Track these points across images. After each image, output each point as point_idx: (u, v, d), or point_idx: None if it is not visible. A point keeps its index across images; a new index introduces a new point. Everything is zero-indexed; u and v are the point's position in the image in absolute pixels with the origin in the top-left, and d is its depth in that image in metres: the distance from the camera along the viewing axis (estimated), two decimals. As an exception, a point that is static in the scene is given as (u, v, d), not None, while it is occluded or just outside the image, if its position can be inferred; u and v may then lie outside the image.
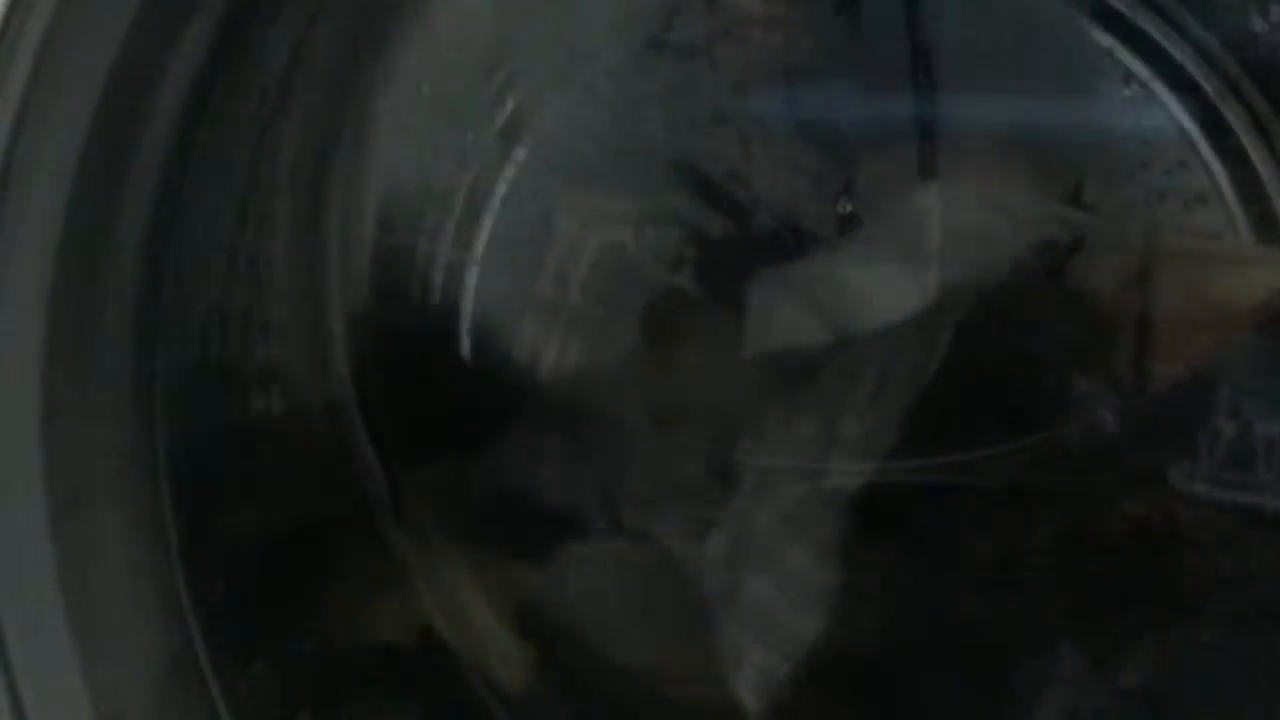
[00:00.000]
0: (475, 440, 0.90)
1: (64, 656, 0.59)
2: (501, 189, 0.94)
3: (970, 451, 0.86)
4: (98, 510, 0.62)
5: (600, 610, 0.87)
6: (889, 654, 0.86)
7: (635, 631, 0.88)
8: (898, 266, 0.87)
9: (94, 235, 0.59)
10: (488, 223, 0.94)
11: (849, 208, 0.91)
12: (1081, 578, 0.87)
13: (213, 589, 0.68)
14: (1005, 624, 0.86)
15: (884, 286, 0.87)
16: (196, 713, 0.66)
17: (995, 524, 0.86)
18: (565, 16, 0.91)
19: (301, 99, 0.77)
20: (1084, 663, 0.84)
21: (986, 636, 0.87)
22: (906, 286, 0.86)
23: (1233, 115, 0.87)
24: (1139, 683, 0.84)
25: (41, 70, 0.54)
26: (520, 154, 0.95)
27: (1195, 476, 0.79)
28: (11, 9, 0.52)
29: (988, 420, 0.85)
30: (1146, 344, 0.87)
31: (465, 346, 0.93)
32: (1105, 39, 0.89)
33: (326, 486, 0.88)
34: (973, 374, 0.86)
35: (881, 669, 0.86)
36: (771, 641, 0.81)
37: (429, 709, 0.85)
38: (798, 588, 0.82)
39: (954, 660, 0.86)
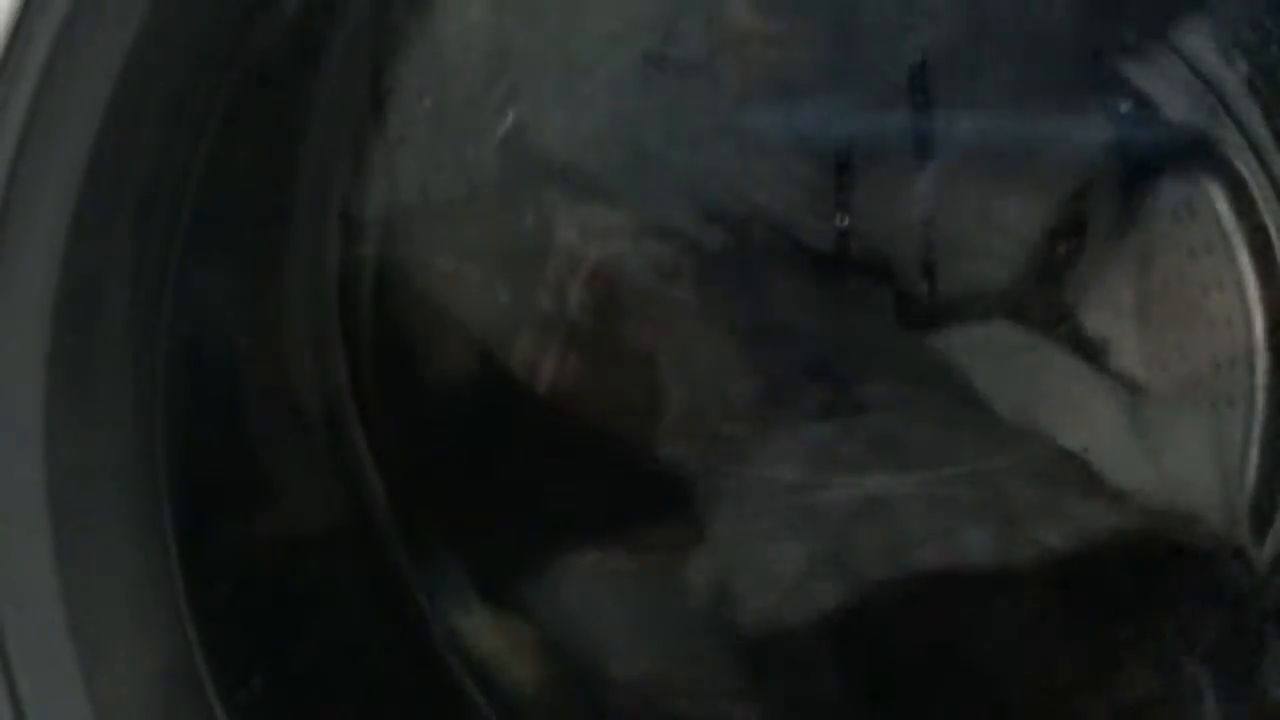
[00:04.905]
0: (473, 451, 0.91)
1: (66, 667, 0.59)
2: (501, 201, 0.95)
3: (965, 465, 0.86)
4: (98, 520, 0.63)
5: (596, 622, 0.88)
6: (882, 667, 0.86)
7: (632, 644, 0.88)
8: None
9: (97, 252, 0.60)
10: (487, 235, 0.95)
11: (846, 221, 0.92)
12: (1078, 590, 0.87)
13: (212, 599, 0.68)
14: (1001, 637, 0.87)
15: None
16: (197, 723, 0.66)
17: (994, 537, 0.87)
18: (566, 29, 0.91)
19: (306, 124, 0.77)
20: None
21: (981, 650, 0.87)
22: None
23: (1227, 132, 0.87)
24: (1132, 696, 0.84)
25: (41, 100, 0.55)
26: (520, 166, 0.95)
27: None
28: (12, 39, 0.53)
29: (982, 433, 0.85)
30: (1141, 355, 0.87)
31: (463, 360, 0.94)
32: (1101, 55, 0.89)
33: (325, 498, 0.88)
34: (968, 386, 0.87)
35: (875, 680, 0.87)
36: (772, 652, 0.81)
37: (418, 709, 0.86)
38: (795, 601, 0.83)
39: (951, 676, 0.86)
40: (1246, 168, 0.86)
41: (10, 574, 0.59)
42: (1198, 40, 0.86)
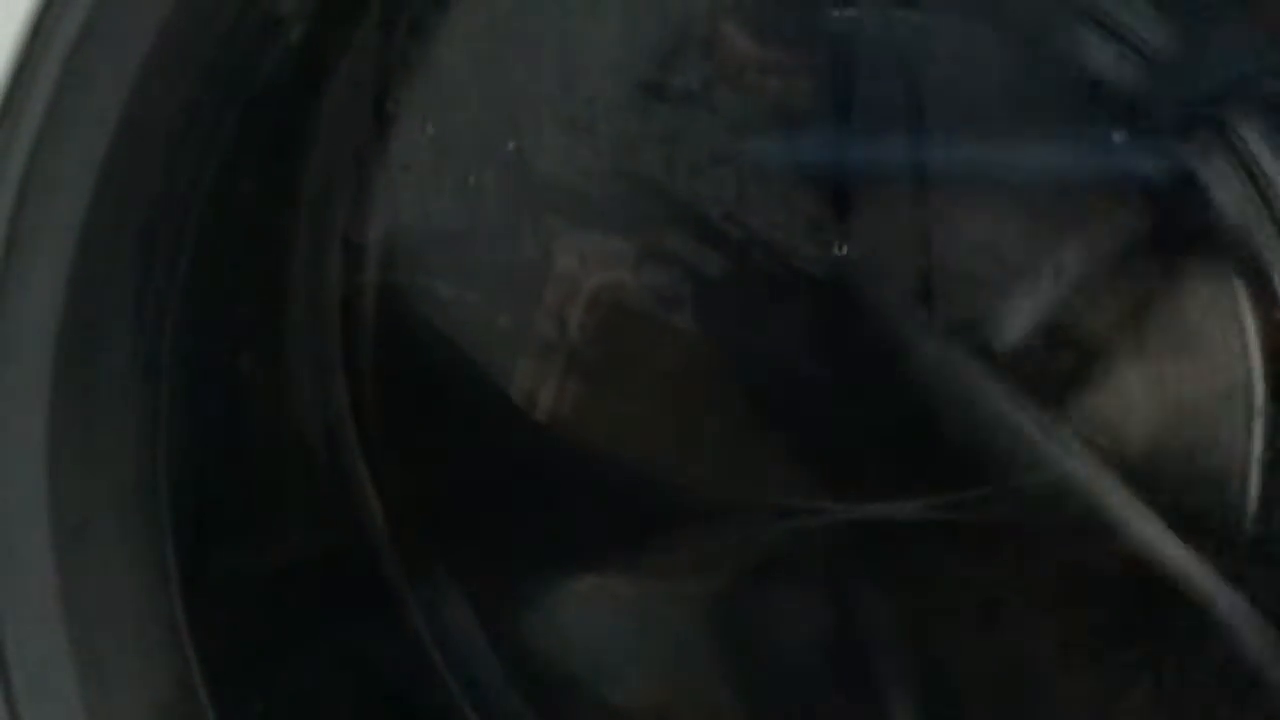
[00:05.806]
0: (472, 475, 0.91)
1: (68, 693, 0.59)
2: (502, 228, 0.95)
3: (967, 490, 0.86)
4: (100, 542, 0.63)
5: (594, 647, 0.88)
6: (883, 691, 0.86)
7: (630, 669, 0.88)
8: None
9: (101, 279, 0.60)
10: (487, 261, 0.95)
11: (844, 249, 0.92)
12: (1078, 616, 0.87)
13: (212, 624, 0.69)
14: (1001, 661, 0.87)
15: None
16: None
17: (993, 562, 0.87)
18: (566, 58, 0.92)
19: (309, 150, 0.78)
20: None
21: (982, 674, 0.87)
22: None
23: (1222, 159, 0.88)
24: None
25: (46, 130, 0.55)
26: (520, 193, 0.96)
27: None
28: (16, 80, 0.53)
29: (982, 459, 0.86)
30: (1140, 383, 0.88)
31: (463, 384, 0.94)
32: (1097, 85, 0.90)
33: (325, 520, 0.88)
34: (967, 414, 0.87)
35: (877, 705, 0.87)
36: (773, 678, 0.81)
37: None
38: (793, 630, 0.83)
39: (952, 700, 0.86)
40: (1243, 195, 0.86)
41: (12, 601, 0.59)
42: (1192, 69, 0.87)
